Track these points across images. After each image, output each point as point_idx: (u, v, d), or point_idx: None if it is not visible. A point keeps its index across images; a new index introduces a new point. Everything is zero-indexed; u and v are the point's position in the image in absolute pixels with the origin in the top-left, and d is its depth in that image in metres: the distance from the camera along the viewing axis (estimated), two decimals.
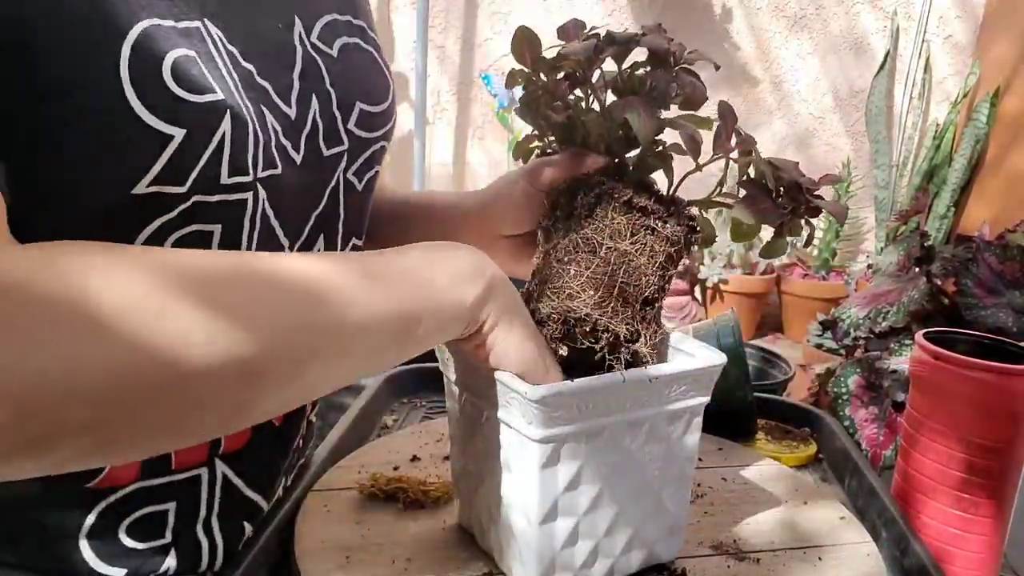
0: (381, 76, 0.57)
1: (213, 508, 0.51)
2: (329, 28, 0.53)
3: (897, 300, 0.92)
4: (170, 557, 0.50)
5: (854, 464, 0.66)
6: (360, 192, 0.57)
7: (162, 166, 0.39)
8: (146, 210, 0.41)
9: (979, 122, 2.20)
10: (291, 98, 0.49)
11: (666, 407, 0.48)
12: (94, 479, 0.46)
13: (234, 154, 0.42)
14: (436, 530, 0.54)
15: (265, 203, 0.47)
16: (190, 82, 0.40)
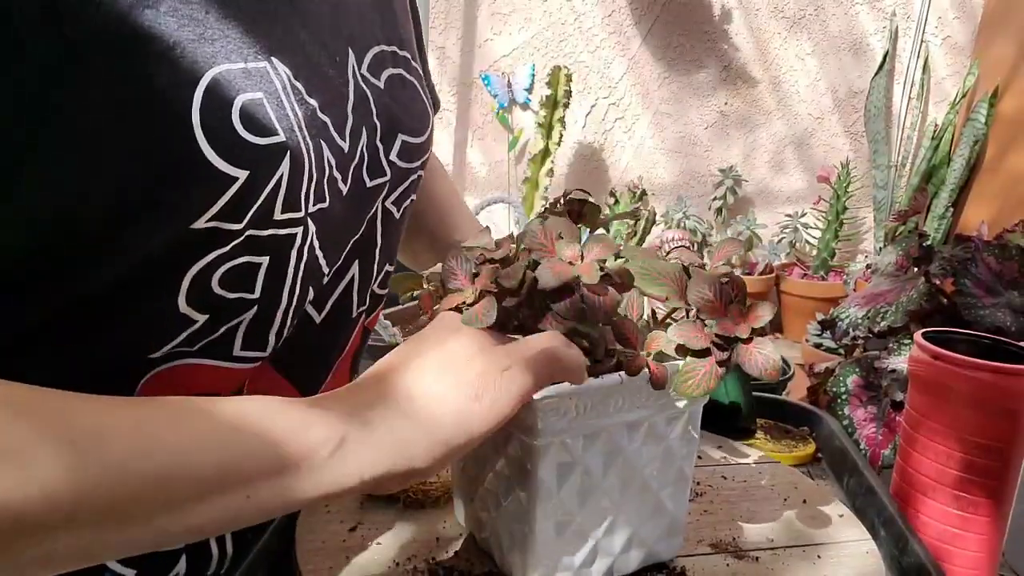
0: (423, 108, 0.58)
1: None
2: (377, 60, 0.53)
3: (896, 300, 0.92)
4: (181, 561, 0.51)
5: (853, 463, 0.67)
6: (397, 220, 0.58)
7: (222, 204, 0.40)
8: (201, 244, 0.41)
9: (978, 122, 2.20)
10: (345, 132, 0.49)
11: (665, 408, 0.48)
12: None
13: (289, 192, 0.43)
14: (436, 530, 0.54)
15: (313, 236, 0.47)
16: (257, 125, 0.40)
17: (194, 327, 0.43)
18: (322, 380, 0.56)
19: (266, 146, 0.41)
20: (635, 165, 2.66)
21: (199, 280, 0.42)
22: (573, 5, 2.54)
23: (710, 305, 0.45)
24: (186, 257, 0.41)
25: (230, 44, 0.40)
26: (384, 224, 0.56)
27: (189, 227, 0.40)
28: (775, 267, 2.54)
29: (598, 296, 0.43)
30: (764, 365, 0.43)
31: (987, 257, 0.87)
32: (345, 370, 0.58)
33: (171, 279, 0.41)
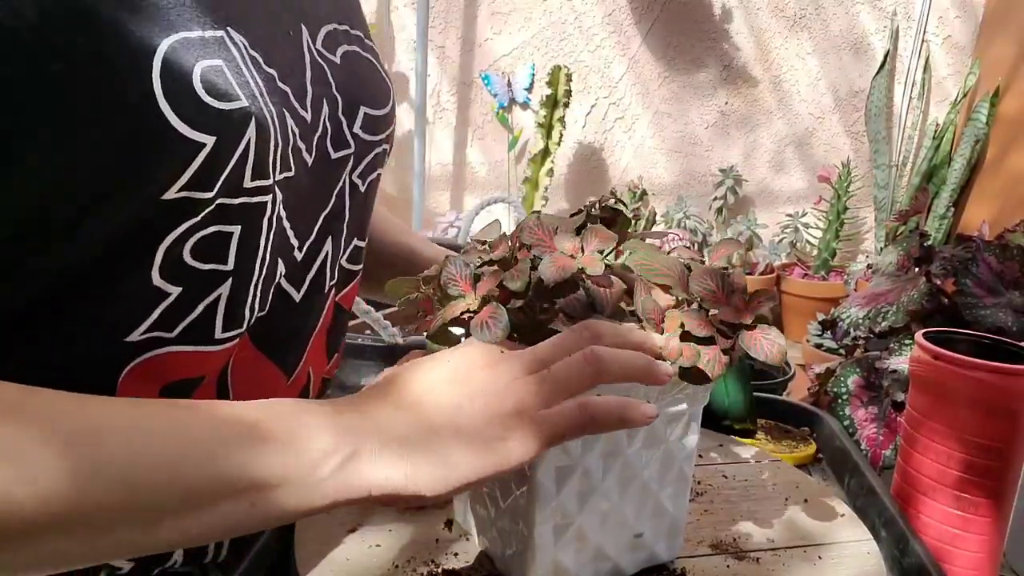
0: (382, 81, 0.58)
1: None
2: (331, 37, 0.54)
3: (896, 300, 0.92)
4: (179, 554, 0.51)
5: (854, 463, 0.66)
6: (363, 194, 0.58)
7: (192, 172, 0.40)
8: (174, 215, 0.41)
9: (978, 122, 2.20)
10: (306, 102, 0.50)
11: (664, 408, 0.48)
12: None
13: (257, 158, 0.43)
14: (436, 532, 0.54)
15: (280, 205, 0.47)
16: (219, 91, 0.41)
17: (168, 301, 0.43)
18: (301, 357, 0.55)
19: (230, 111, 0.41)
20: (635, 165, 2.66)
21: (172, 251, 0.42)
22: (573, 4, 2.54)
23: (713, 295, 0.45)
24: (158, 229, 0.41)
25: (185, 14, 0.40)
26: (351, 198, 0.57)
27: (160, 199, 0.40)
28: (776, 267, 2.54)
29: (603, 288, 0.43)
30: (770, 350, 0.43)
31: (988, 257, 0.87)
32: (320, 346, 0.58)
33: (144, 252, 0.41)
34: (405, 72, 2.59)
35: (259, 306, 0.49)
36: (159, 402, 0.37)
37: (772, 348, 0.43)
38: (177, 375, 0.46)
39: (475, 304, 0.44)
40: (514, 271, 0.44)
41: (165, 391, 0.46)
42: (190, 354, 0.46)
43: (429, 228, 2.63)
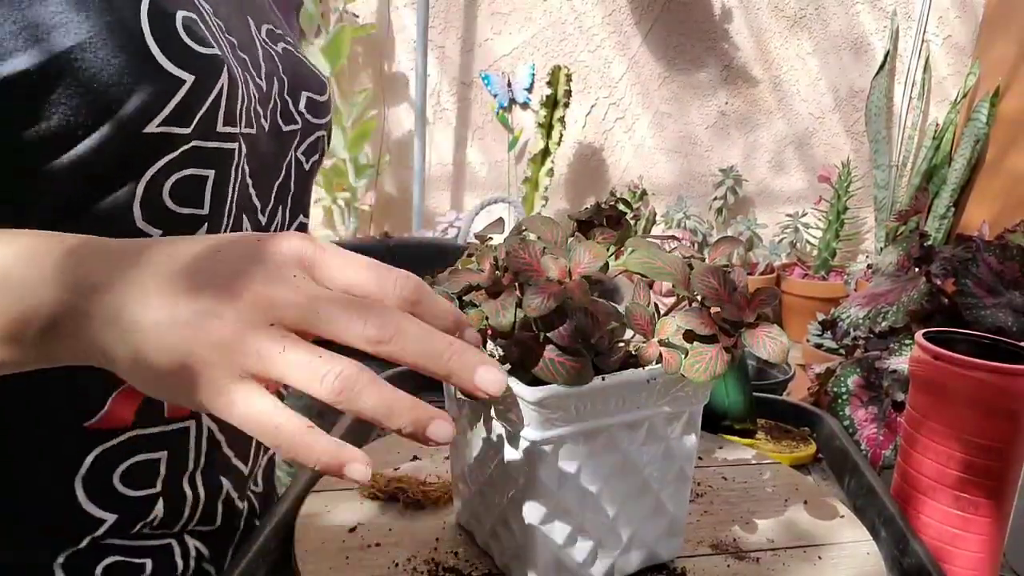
0: (318, 75, 0.65)
1: (200, 462, 0.55)
2: (271, 33, 0.61)
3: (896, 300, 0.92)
4: (158, 506, 0.53)
5: (853, 463, 0.66)
6: (307, 172, 0.63)
7: (173, 107, 0.45)
8: (154, 148, 0.45)
9: (979, 122, 2.20)
10: (260, 74, 0.56)
11: (664, 408, 0.48)
12: (93, 418, 0.49)
13: (228, 105, 0.48)
14: (436, 530, 0.54)
15: (245, 160, 0.52)
16: (198, 36, 0.46)
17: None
18: None
19: (208, 55, 0.46)
20: (635, 165, 2.66)
21: (152, 189, 0.46)
22: (573, 4, 2.54)
23: (715, 293, 0.45)
24: (140, 162, 0.45)
25: None
26: (296, 173, 0.61)
27: (143, 131, 0.44)
28: (776, 267, 2.54)
29: (592, 316, 0.43)
30: (772, 348, 0.43)
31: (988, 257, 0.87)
32: None
33: (127, 185, 0.45)
34: (405, 72, 2.59)
35: None
36: None
37: (775, 346, 0.43)
38: None
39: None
40: (499, 306, 0.43)
41: None
42: None
43: (429, 228, 2.63)
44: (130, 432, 0.50)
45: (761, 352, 0.43)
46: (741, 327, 0.44)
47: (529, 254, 0.44)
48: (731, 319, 0.44)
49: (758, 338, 0.44)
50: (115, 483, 0.51)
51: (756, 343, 0.44)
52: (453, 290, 0.46)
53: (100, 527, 0.51)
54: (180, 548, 0.56)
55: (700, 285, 0.45)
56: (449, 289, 0.46)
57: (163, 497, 0.53)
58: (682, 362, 0.44)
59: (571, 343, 0.42)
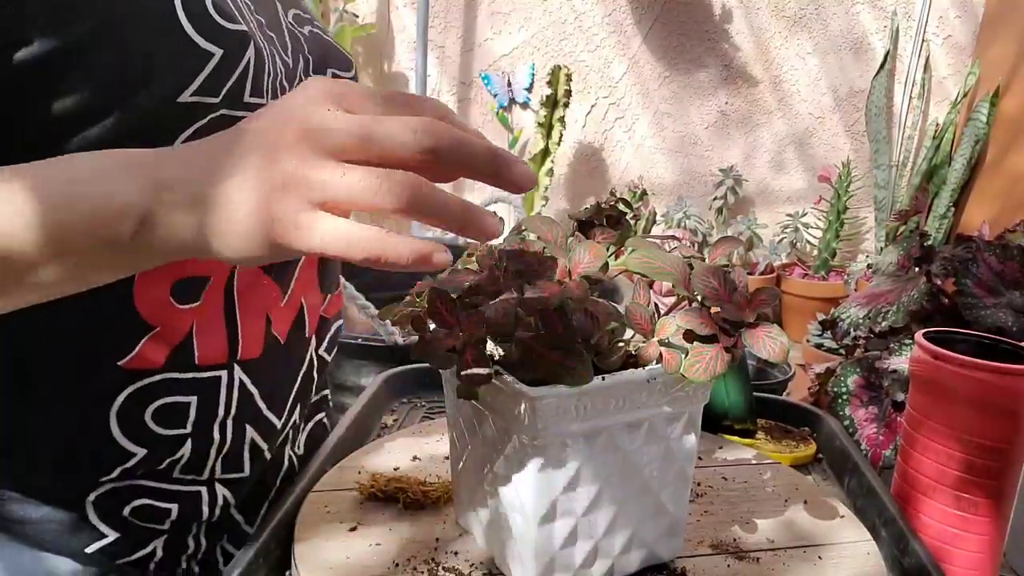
0: (344, 54, 0.66)
1: (230, 410, 0.58)
2: (297, 18, 0.63)
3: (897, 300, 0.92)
4: (186, 446, 0.56)
5: (854, 463, 0.66)
6: None
7: (203, 79, 0.48)
8: (185, 116, 0.48)
9: (979, 122, 2.20)
10: (287, 52, 0.58)
11: (665, 407, 0.48)
12: (125, 357, 0.52)
13: (255, 77, 0.51)
14: (436, 530, 0.54)
15: None
16: (226, 12, 0.50)
17: None
18: (292, 278, 0.61)
19: (235, 31, 0.50)
20: (635, 165, 2.66)
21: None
22: (573, 4, 2.54)
23: (715, 293, 0.45)
24: (174, 127, 0.48)
25: None
26: None
27: (176, 100, 0.47)
28: (776, 267, 2.54)
29: (591, 317, 0.43)
30: (772, 348, 0.43)
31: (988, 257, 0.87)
32: (310, 279, 0.64)
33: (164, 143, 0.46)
34: (405, 72, 2.59)
35: None
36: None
37: (775, 346, 0.43)
38: (186, 272, 0.52)
39: (460, 342, 0.43)
40: (499, 307, 0.43)
41: (178, 285, 0.52)
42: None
43: (429, 228, 2.63)
44: (162, 374, 0.54)
45: (761, 352, 0.43)
46: (741, 327, 0.44)
47: (530, 253, 0.44)
48: (731, 319, 0.44)
49: (758, 338, 0.44)
50: (147, 420, 0.54)
51: (756, 343, 0.44)
52: (453, 290, 0.46)
53: (130, 459, 0.55)
54: (208, 495, 0.59)
55: (700, 285, 0.45)
56: (449, 289, 0.46)
57: (192, 438, 0.56)
58: (682, 362, 0.44)
59: (571, 343, 0.42)
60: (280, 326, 0.60)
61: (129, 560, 0.58)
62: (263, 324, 0.59)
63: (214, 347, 0.56)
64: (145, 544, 0.58)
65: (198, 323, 0.55)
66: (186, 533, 0.60)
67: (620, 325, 0.47)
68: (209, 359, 0.56)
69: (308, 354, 0.65)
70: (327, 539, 0.52)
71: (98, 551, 0.56)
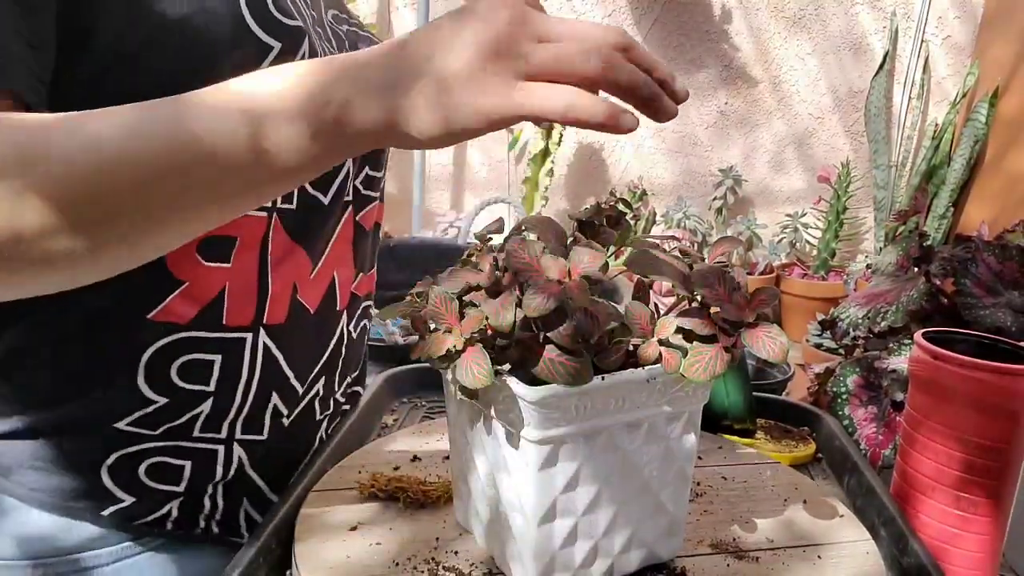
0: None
1: (255, 372, 0.60)
2: (336, 18, 0.66)
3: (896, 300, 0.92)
4: (208, 403, 0.58)
5: (853, 463, 0.67)
6: None
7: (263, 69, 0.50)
8: None
9: (978, 122, 2.20)
10: (333, 46, 0.62)
11: (664, 407, 0.48)
12: (154, 310, 0.55)
13: None
14: (436, 530, 0.54)
15: None
16: (283, 8, 0.53)
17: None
18: (323, 252, 0.63)
19: (292, 26, 0.54)
20: (635, 165, 2.66)
21: None
22: (573, 5, 2.54)
23: (715, 293, 0.45)
24: None
25: None
26: None
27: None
28: (775, 267, 2.54)
29: (592, 316, 0.43)
30: (772, 348, 0.43)
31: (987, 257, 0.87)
32: (344, 255, 0.67)
33: None
34: None
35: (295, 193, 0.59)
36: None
37: (774, 346, 0.43)
38: (216, 231, 0.52)
39: (460, 342, 0.44)
40: (499, 307, 0.43)
41: (204, 242, 0.55)
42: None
43: (429, 228, 2.63)
44: (190, 331, 0.56)
45: (761, 352, 0.43)
46: (741, 327, 0.44)
47: (529, 254, 0.44)
48: (731, 319, 0.44)
49: (758, 338, 0.44)
50: (172, 375, 0.57)
51: (756, 343, 0.44)
52: (453, 290, 0.46)
53: (150, 406, 0.57)
54: (225, 454, 0.61)
55: (700, 285, 0.45)
56: (449, 289, 0.46)
57: (214, 396, 0.58)
58: (682, 362, 0.44)
59: (571, 343, 0.42)
60: (308, 296, 0.63)
61: (145, 521, 0.59)
62: (290, 291, 0.61)
63: (243, 310, 0.58)
64: (161, 506, 0.59)
65: (231, 285, 0.57)
66: (202, 493, 0.61)
67: (620, 325, 0.47)
68: (236, 321, 0.58)
69: (339, 328, 0.68)
70: (328, 538, 0.52)
71: (114, 513, 0.58)
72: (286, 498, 0.57)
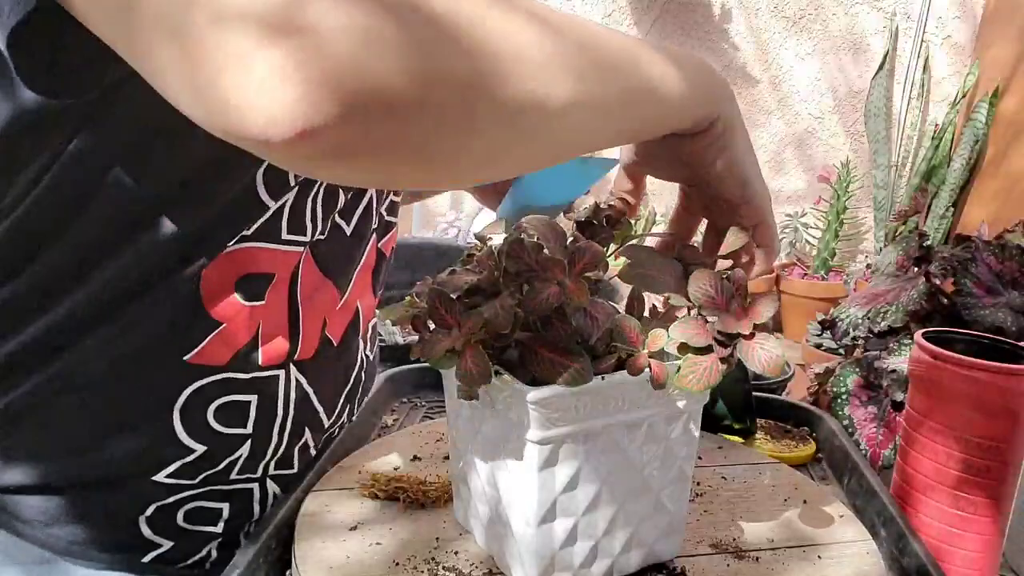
0: None
1: (288, 411, 0.59)
2: None
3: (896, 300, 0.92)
4: (246, 446, 0.58)
5: (853, 463, 0.67)
6: None
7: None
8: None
9: (978, 122, 2.20)
10: None
11: (665, 407, 0.48)
12: (190, 352, 0.54)
13: None
14: (436, 530, 0.54)
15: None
16: None
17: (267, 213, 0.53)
18: (350, 282, 0.63)
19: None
20: None
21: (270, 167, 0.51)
22: (573, 4, 2.54)
23: (711, 301, 0.45)
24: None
25: None
26: None
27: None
28: (775, 267, 2.54)
29: (591, 317, 0.43)
30: (767, 361, 0.43)
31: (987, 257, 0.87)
32: (366, 284, 0.67)
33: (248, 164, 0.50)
34: None
35: (319, 225, 0.58)
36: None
37: (769, 359, 0.43)
38: (253, 268, 0.54)
39: (459, 343, 0.43)
40: (498, 307, 0.43)
41: (242, 281, 0.54)
42: (262, 250, 0.54)
43: (429, 228, 2.63)
44: (225, 374, 0.55)
45: (754, 365, 0.43)
46: (737, 338, 0.44)
47: (528, 254, 0.44)
48: (727, 332, 0.44)
49: (753, 350, 0.44)
50: (208, 419, 0.56)
51: (751, 355, 0.43)
52: (452, 291, 0.46)
53: (190, 455, 0.56)
54: (260, 492, 0.61)
55: (697, 293, 0.45)
56: (448, 290, 0.46)
57: (251, 439, 0.58)
58: (670, 375, 0.44)
59: (570, 343, 0.42)
60: (335, 328, 0.62)
61: (186, 565, 0.59)
62: (320, 326, 0.60)
63: (276, 348, 0.57)
64: (200, 548, 0.59)
65: (264, 324, 0.56)
66: (239, 531, 0.61)
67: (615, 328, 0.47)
68: (271, 360, 0.57)
69: (360, 355, 0.68)
70: (327, 539, 0.52)
71: (154, 559, 0.58)
72: (286, 498, 0.57)
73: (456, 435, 0.53)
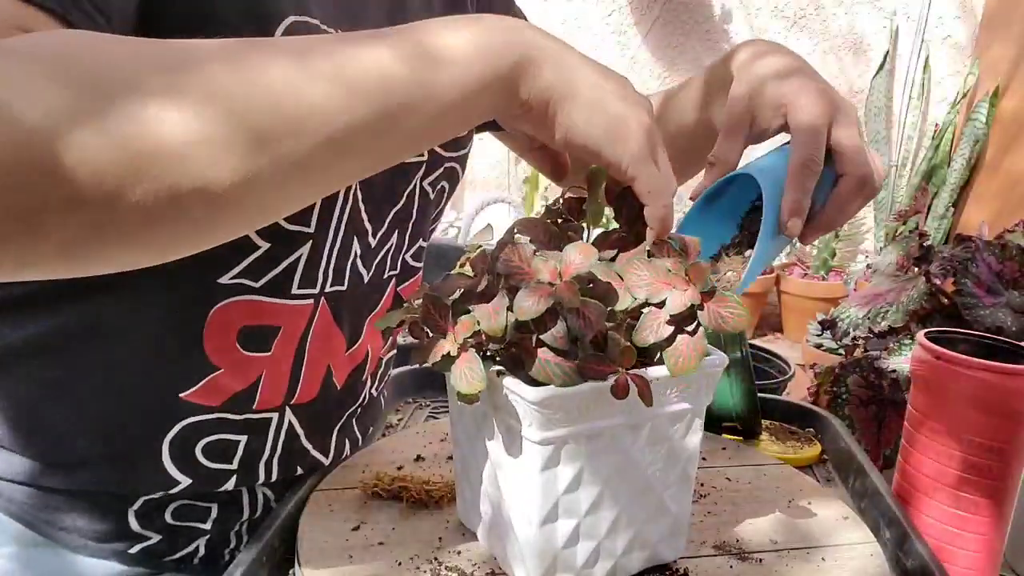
0: None
1: (276, 450, 0.59)
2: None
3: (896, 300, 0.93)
4: (231, 480, 0.58)
5: (858, 465, 0.67)
6: (432, 200, 0.66)
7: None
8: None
9: (978, 122, 2.21)
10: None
11: (667, 408, 0.48)
12: (188, 390, 0.54)
13: None
14: (439, 530, 0.54)
15: (357, 186, 0.56)
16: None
17: (257, 253, 0.52)
18: (361, 330, 0.62)
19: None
20: None
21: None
22: (575, 6, 2.54)
23: (652, 287, 0.45)
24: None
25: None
26: (420, 202, 0.64)
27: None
28: (775, 267, 2.54)
29: (584, 317, 0.43)
30: (731, 320, 0.43)
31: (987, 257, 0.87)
32: (381, 312, 0.65)
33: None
34: None
35: (334, 276, 0.57)
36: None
37: (731, 316, 0.44)
38: (256, 320, 0.54)
39: (455, 348, 0.44)
40: (490, 311, 0.43)
41: (244, 331, 0.54)
42: (268, 304, 0.54)
43: None
44: (218, 414, 0.56)
45: (713, 323, 0.43)
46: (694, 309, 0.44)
47: (520, 257, 0.45)
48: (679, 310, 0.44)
49: (715, 313, 0.44)
50: (197, 454, 0.56)
51: (713, 319, 0.44)
52: (446, 296, 0.46)
53: (175, 487, 0.56)
54: (249, 499, 0.61)
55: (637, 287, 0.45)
56: (443, 295, 0.46)
57: (237, 474, 0.58)
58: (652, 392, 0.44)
59: (563, 344, 0.42)
60: (339, 372, 0.62)
61: (173, 558, 0.59)
62: (323, 372, 0.60)
63: (275, 393, 0.58)
64: (188, 543, 0.60)
65: (267, 372, 0.56)
66: (228, 531, 0.61)
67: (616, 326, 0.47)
68: (267, 404, 0.58)
69: (363, 395, 0.66)
70: (330, 538, 0.53)
71: (141, 551, 0.58)
72: (289, 498, 0.57)
73: (459, 435, 0.53)
